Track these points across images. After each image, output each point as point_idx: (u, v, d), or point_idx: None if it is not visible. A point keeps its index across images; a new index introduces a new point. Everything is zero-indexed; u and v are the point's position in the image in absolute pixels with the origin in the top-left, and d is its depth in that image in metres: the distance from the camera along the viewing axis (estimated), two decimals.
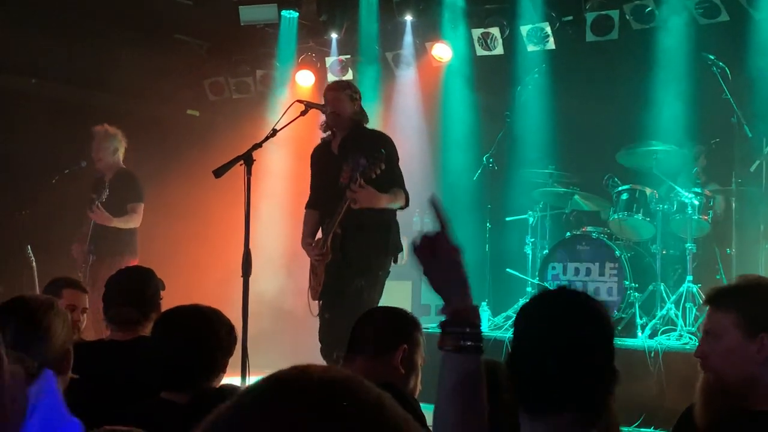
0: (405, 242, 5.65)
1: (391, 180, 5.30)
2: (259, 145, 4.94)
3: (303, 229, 5.69)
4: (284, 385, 0.87)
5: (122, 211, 7.00)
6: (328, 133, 5.62)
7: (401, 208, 5.47)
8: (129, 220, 7.06)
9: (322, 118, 5.59)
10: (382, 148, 5.26)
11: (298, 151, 7.67)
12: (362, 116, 5.58)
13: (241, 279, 4.75)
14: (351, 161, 5.34)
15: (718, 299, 2.47)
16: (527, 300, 2.09)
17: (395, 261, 5.53)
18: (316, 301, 5.51)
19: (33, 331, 2.43)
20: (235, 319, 3.94)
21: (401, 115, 9.02)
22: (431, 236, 1.86)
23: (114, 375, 3.20)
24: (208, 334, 2.76)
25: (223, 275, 7.47)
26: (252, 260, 4.75)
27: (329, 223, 5.36)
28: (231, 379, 3.28)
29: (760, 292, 2.44)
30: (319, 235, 5.58)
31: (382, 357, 2.78)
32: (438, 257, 1.86)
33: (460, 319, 1.85)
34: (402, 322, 2.95)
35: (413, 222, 8.52)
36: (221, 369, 2.79)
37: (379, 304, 5.32)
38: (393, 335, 2.85)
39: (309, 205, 5.75)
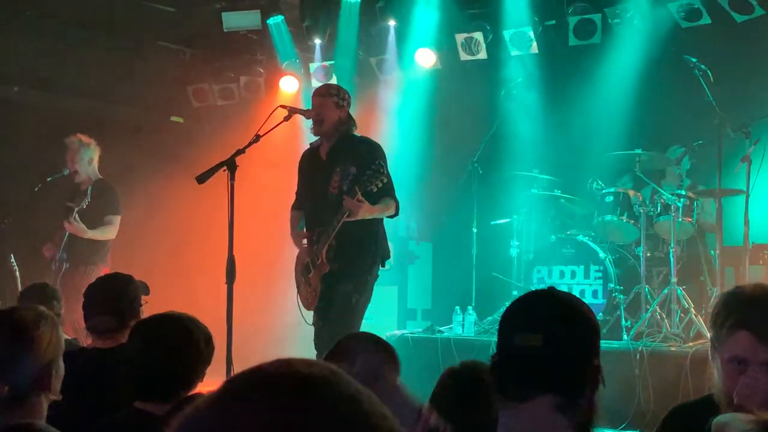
0: (391, 247, 5.68)
1: (384, 190, 5.24)
2: (242, 151, 4.92)
3: (290, 224, 5.69)
4: (267, 377, 0.87)
5: (99, 222, 6.94)
6: (318, 138, 5.57)
7: (391, 217, 5.46)
8: (104, 232, 6.99)
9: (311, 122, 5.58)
10: (378, 159, 5.20)
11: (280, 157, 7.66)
12: (349, 123, 5.50)
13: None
14: (341, 170, 5.32)
15: None
16: (512, 303, 2.06)
17: (383, 265, 5.53)
18: (310, 311, 5.51)
19: (16, 347, 2.38)
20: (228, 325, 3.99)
21: (385, 120, 9.02)
22: None
23: (95, 382, 3.19)
24: (188, 344, 2.71)
25: (209, 282, 7.43)
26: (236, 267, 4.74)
27: (324, 234, 5.31)
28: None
29: None
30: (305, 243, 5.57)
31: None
32: None
33: None
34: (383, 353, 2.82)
35: (399, 227, 8.52)
36: (200, 378, 2.76)
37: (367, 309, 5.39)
38: None
39: (295, 207, 5.75)
